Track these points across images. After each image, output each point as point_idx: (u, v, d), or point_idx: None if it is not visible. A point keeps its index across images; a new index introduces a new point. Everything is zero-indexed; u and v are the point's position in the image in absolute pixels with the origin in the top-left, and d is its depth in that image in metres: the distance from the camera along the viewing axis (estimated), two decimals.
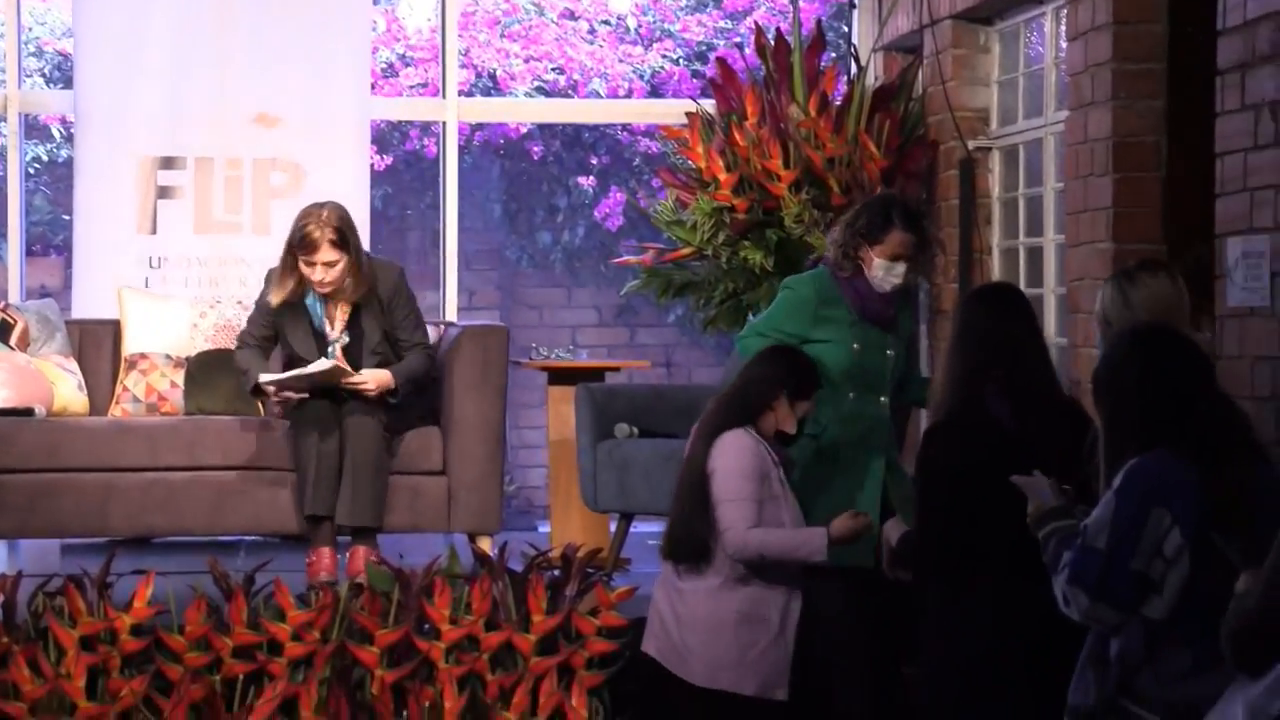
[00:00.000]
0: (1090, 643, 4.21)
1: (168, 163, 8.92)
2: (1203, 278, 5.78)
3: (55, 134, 11.19)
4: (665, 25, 11.50)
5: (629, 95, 11.17)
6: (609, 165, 11.53)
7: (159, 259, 8.88)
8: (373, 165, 9.69)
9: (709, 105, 8.69)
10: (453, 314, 9.28)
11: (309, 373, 7.06)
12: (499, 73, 11.24)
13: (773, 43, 8.51)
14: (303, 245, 7.04)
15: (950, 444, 5.02)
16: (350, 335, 7.20)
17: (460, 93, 9.73)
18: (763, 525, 5.50)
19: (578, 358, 8.70)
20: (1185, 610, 4.05)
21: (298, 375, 7.08)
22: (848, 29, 9.81)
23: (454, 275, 9.41)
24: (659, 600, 5.70)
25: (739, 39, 10.81)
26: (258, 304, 7.33)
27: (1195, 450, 4.11)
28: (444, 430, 7.51)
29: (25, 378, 7.73)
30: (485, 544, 7.31)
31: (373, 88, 9.61)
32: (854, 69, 8.81)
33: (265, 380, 7.10)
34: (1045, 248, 7.70)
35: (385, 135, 11.18)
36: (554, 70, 11.28)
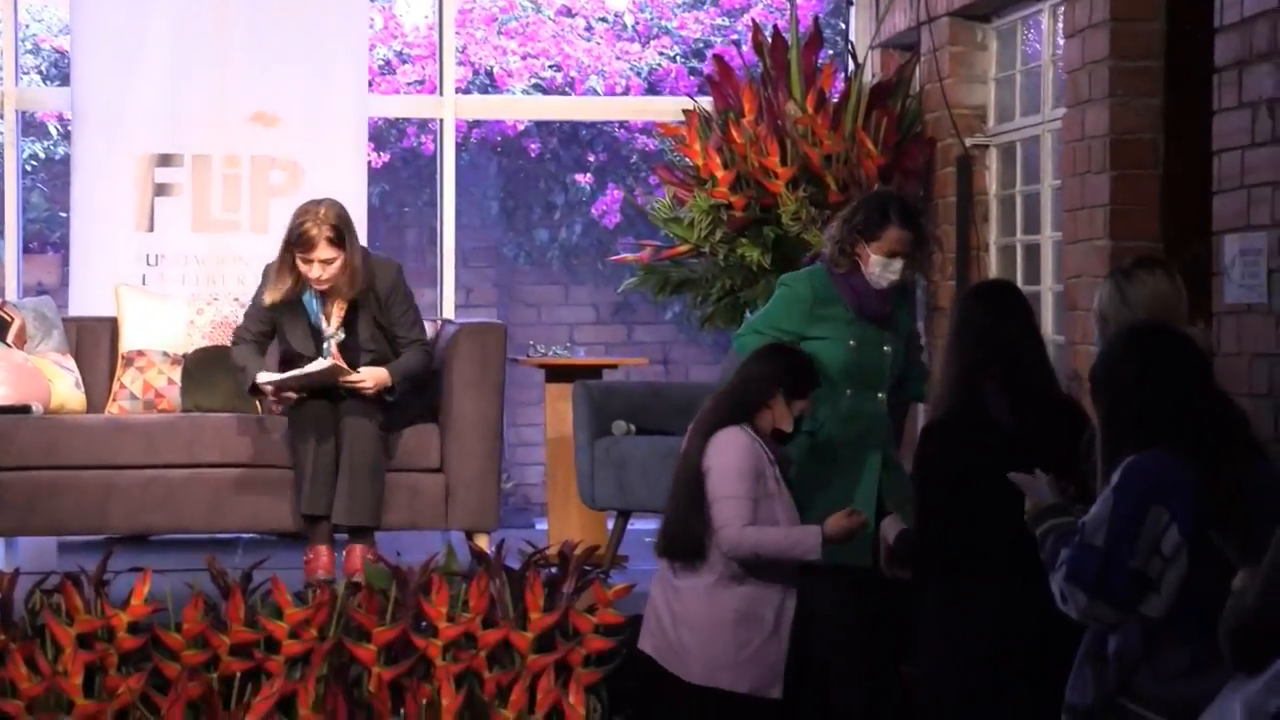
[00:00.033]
0: (1088, 641, 4.21)
1: (165, 160, 8.91)
2: (1201, 275, 5.77)
3: (52, 131, 11.18)
4: (663, 22, 11.50)
5: (626, 92, 11.16)
6: (606, 163, 11.52)
7: (156, 256, 8.87)
8: (370, 163, 9.68)
9: (706, 102, 8.69)
10: (450, 311, 9.27)
11: (307, 373, 7.06)
12: (496, 70, 11.23)
13: (770, 40, 8.51)
14: (300, 243, 7.04)
15: (948, 442, 5.01)
16: (346, 332, 7.20)
17: (457, 90, 9.73)
18: (758, 523, 5.50)
19: (575, 355, 8.70)
20: (1183, 608, 4.05)
21: (296, 376, 7.08)
22: (845, 26, 9.81)
23: (451, 273, 9.40)
24: (656, 598, 5.70)
25: (736, 36, 10.81)
26: (255, 299, 7.32)
27: (1193, 448, 4.10)
28: (442, 428, 7.51)
29: (22, 375, 7.73)
30: (483, 541, 7.31)
31: (370, 85, 9.61)
32: (851, 66, 8.81)
33: (263, 380, 7.10)
34: (1043, 245, 7.70)
35: (382, 133, 11.17)
36: (551, 67, 11.28)
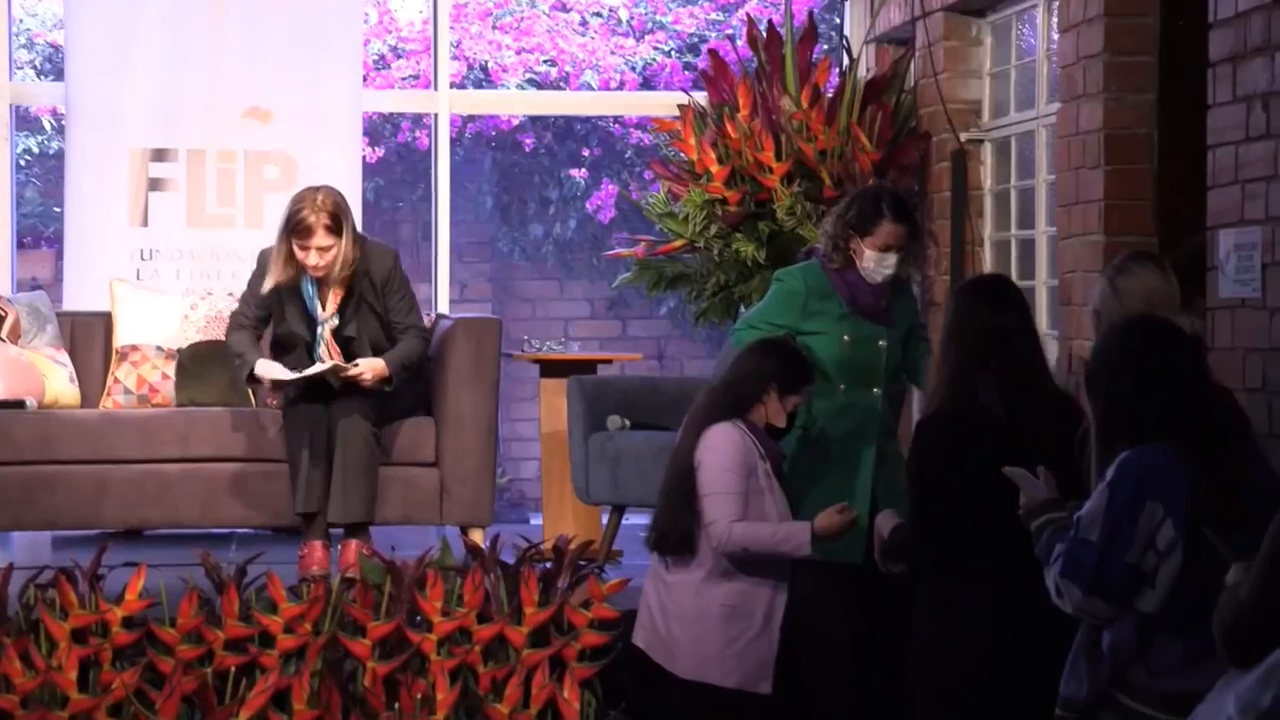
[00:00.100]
0: (1082, 635, 4.21)
1: (159, 155, 8.90)
2: (1197, 269, 5.78)
3: (46, 126, 11.18)
4: (657, 17, 11.50)
5: (621, 87, 11.16)
6: (601, 157, 11.52)
7: (151, 251, 8.86)
8: (364, 157, 9.67)
9: (701, 97, 8.68)
10: (445, 306, 9.26)
11: (309, 375, 7.04)
12: (491, 65, 11.23)
13: (765, 35, 8.51)
14: (297, 230, 7.02)
15: (943, 436, 5.01)
16: (341, 318, 7.19)
17: (452, 85, 9.72)
18: (748, 519, 5.50)
19: (569, 350, 8.71)
20: (1177, 603, 4.05)
21: (297, 380, 7.06)
22: (839, 21, 9.81)
23: (446, 268, 9.40)
24: (648, 592, 5.70)
25: (731, 31, 10.81)
26: (251, 284, 7.29)
27: (1188, 442, 4.10)
28: (437, 423, 7.51)
29: (16, 370, 7.73)
30: (477, 536, 7.31)
31: (365, 80, 9.60)
32: (846, 61, 8.80)
33: (262, 373, 7.08)
34: (1037, 240, 7.70)
35: (377, 127, 11.17)
36: (546, 62, 11.27)
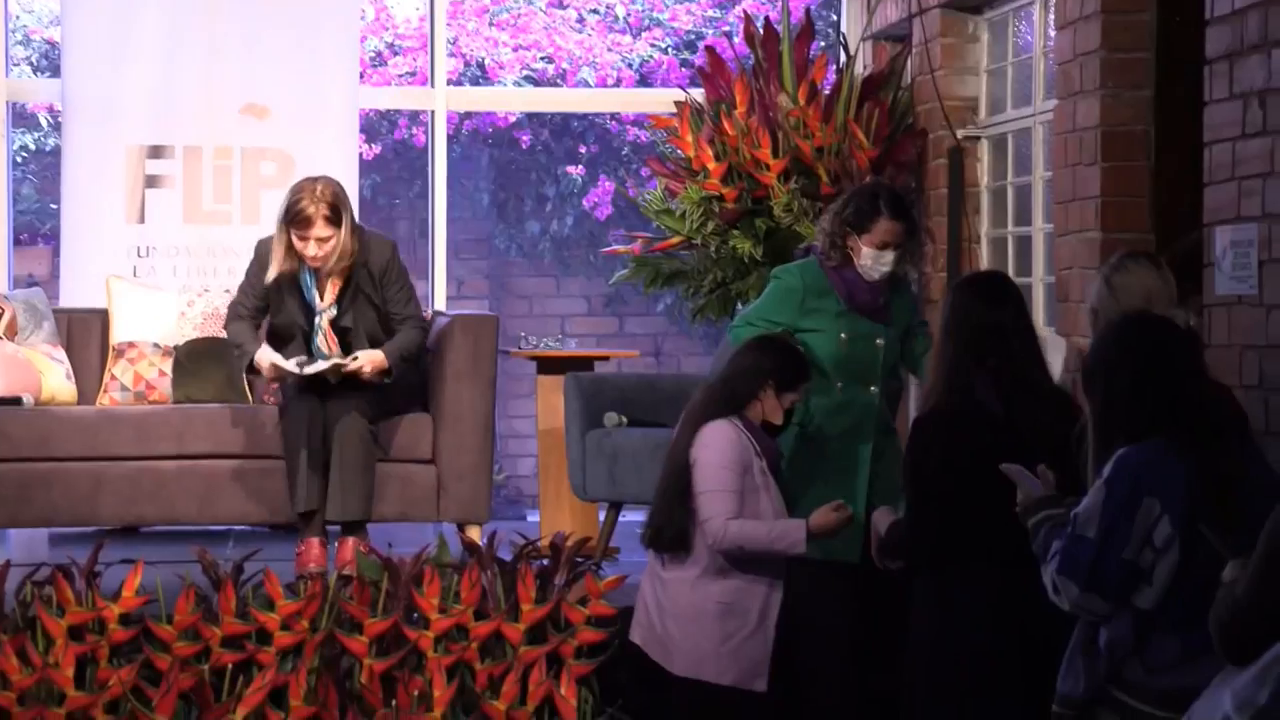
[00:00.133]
0: (1080, 632, 4.21)
1: (156, 152, 8.90)
2: (1194, 265, 5.78)
3: (43, 122, 11.18)
4: (654, 14, 11.49)
5: (618, 84, 11.16)
6: (598, 154, 11.52)
7: (147, 248, 8.86)
8: (361, 154, 9.67)
9: (698, 94, 8.68)
10: (442, 303, 9.26)
11: (309, 373, 7.04)
12: (488, 61, 11.23)
13: (762, 31, 8.51)
14: (296, 220, 7.02)
15: (940, 433, 5.01)
16: (339, 308, 7.19)
17: (449, 82, 9.72)
18: (743, 517, 5.50)
19: (566, 347, 8.72)
20: (1174, 600, 4.05)
21: (297, 376, 7.06)
22: (836, 18, 9.81)
23: (443, 265, 9.39)
24: (644, 589, 5.70)
25: (728, 28, 10.81)
26: (249, 274, 7.28)
27: (1185, 439, 4.10)
28: (434, 419, 7.51)
29: (13, 367, 7.73)
30: (474, 533, 7.31)
31: (361, 77, 9.60)
32: (843, 58, 8.80)
33: (264, 361, 7.07)
34: (1034, 237, 7.70)
35: (374, 124, 11.16)
36: (543, 59, 11.27)
